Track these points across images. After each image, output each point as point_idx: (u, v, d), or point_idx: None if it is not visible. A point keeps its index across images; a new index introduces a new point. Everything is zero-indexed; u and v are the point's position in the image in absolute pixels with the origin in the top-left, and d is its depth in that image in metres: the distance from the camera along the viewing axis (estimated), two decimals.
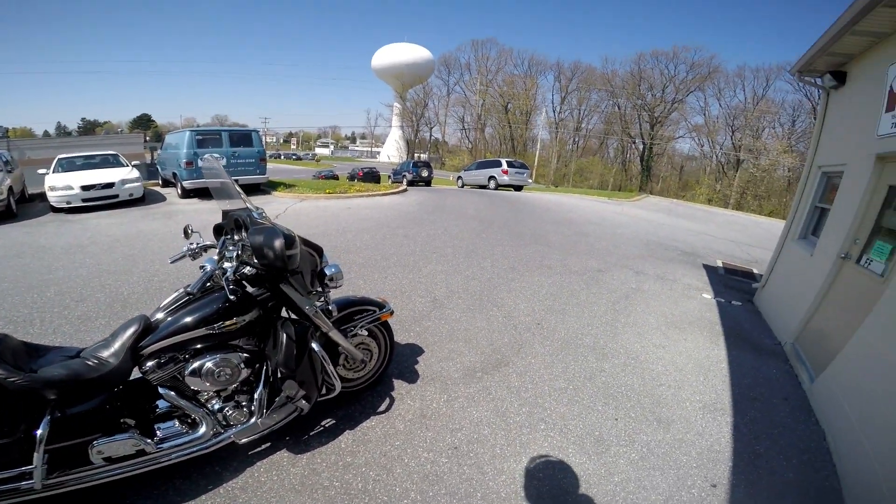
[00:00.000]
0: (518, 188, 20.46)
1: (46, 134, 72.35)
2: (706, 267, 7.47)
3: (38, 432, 1.70)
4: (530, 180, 22.54)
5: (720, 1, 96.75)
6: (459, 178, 23.96)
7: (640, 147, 56.72)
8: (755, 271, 7.72)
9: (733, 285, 6.62)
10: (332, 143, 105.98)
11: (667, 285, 6.06)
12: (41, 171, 10.34)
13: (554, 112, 63.87)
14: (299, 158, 68.59)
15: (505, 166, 20.18)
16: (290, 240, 1.98)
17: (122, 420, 1.95)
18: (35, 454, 1.70)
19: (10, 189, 9.01)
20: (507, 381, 3.30)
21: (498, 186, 20.12)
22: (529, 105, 62.72)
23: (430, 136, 75.31)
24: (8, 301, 4.32)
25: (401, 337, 3.73)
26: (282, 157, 69.04)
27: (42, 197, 10.19)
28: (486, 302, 4.78)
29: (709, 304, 5.49)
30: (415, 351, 3.60)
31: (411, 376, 3.24)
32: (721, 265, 7.90)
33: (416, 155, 67.69)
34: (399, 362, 3.37)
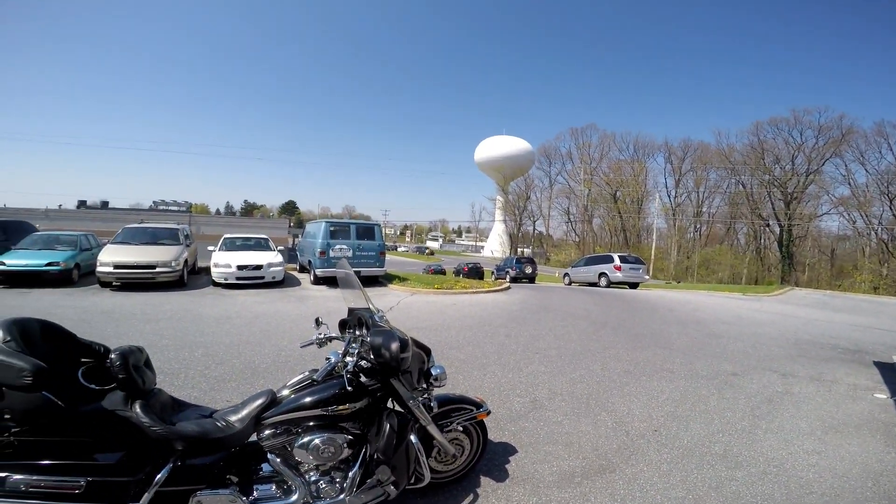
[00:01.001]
0: (633, 285, 19.22)
1: (217, 212, 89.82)
2: (878, 364, 6.44)
3: (158, 476, 1.91)
4: (647, 276, 21.16)
5: (830, 53, 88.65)
6: (566, 274, 23.43)
7: (777, 230, 49.29)
8: None
9: None
10: (440, 237, 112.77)
11: (824, 387, 5.33)
12: (210, 248, 12.59)
13: (669, 197, 59.60)
14: (432, 253, 70.25)
15: (617, 262, 19.26)
16: (404, 344, 2.24)
17: (227, 476, 2.12)
18: (146, 494, 1.89)
19: (186, 262, 11.15)
20: (610, 488, 2.92)
21: (610, 284, 19.15)
22: (640, 191, 59.26)
23: (534, 229, 74.79)
24: (165, 355, 5.16)
25: (494, 435, 3.58)
26: (398, 248, 73.59)
27: (206, 271, 12.32)
28: (593, 406, 4.40)
29: (884, 405, 4.76)
30: (507, 450, 3.41)
31: (500, 475, 3.05)
32: None
33: (519, 250, 67.35)
34: (489, 459, 3.20)
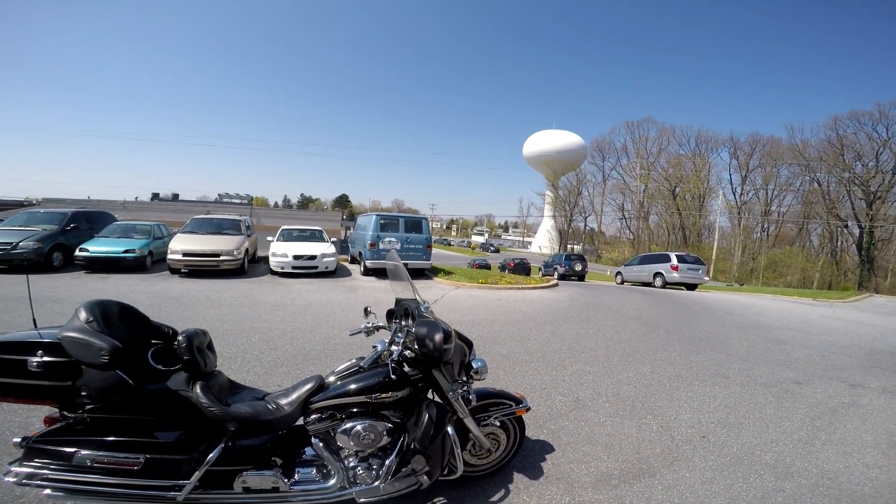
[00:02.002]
0: (691, 287, 18.20)
1: (276, 204, 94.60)
2: None
3: (210, 455, 2.03)
4: (706, 277, 19.95)
5: None
6: (618, 273, 22.60)
7: (856, 232, 45.26)
8: None
9: None
10: (486, 232, 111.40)
11: None
12: (269, 238, 13.30)
13: (734, 194, 56.18)
14: (497, 250, 67.34)
15: (675, 261, 18.25)
16: (447, 335, 2.27)
17: (272, 458, 2.23)
18: (196, 472, 2.00)
19: (246, 251, 11.84)
20: (648, 492, 2.83)
21: (666, 284, 18.25)
22: (702, 188, 56.29)
23: (585, 225, 72.53)
24: (225, 339, 5.49)
25: (533, 432, 3.54)
26: (450, 243, 72.59)
27: (265, 260, 13.02)
28: (638, 408, 4.24)
29: None
30: (544, 448, 3.35)
31: (534, 472, 3.01)
32: None
33: (569, 246, 65.36)
34: (525, 457, 3.17)
